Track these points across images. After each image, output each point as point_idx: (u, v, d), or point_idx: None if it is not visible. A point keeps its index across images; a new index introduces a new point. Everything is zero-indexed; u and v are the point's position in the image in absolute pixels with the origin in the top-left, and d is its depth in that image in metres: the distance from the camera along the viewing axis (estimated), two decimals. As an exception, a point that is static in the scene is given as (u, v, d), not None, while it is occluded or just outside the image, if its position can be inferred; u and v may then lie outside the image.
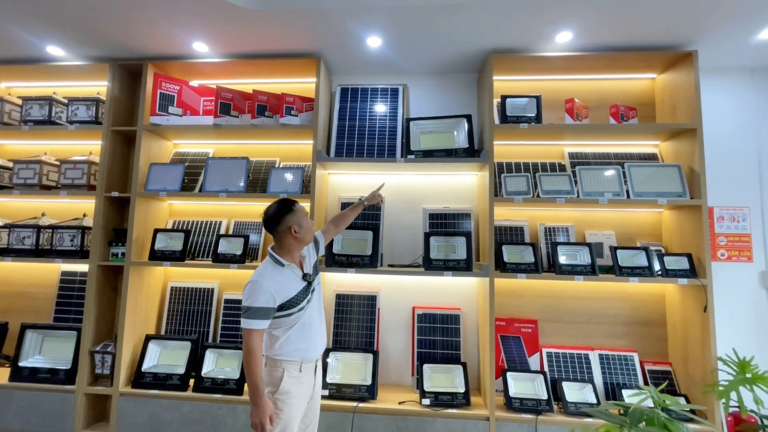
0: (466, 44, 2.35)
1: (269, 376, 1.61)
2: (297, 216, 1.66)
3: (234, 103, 2.57)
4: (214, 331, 2.62)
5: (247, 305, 1.53)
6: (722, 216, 2.49)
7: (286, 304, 1.59)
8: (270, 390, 1.59)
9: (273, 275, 1.60)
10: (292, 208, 1.67)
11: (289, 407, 1.59)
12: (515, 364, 2.40)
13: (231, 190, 2.50)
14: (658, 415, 0.68)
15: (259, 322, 1.53)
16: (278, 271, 1.62)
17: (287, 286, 1.61)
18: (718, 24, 2.10)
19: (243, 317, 1.54)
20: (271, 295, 1.54)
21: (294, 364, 1.62)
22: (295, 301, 1.61)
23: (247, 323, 1.52)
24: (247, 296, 1.55)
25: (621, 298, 2.46)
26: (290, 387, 1.60)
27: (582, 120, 2.43)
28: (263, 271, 1.61)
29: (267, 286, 1.54)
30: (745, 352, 2.32)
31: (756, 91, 2.57)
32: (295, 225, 1.64)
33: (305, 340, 1.65)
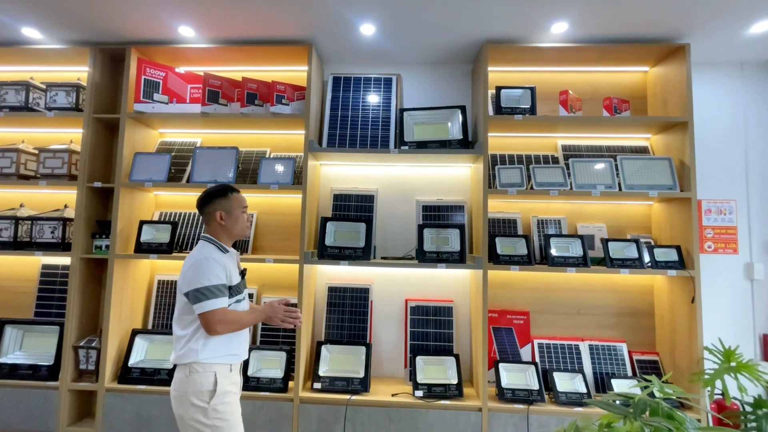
0: (461, 33, 2.32)
1: (198, 385, 1.39)
2: (228, 203, 1.56)
3: (222, 90, 2.49)
4: (203, 325, 2.56)
5: (201, 286, 1.36)
6: (710, 209, 2.54)
7: (232, 288, 1.48)
8: (203, 399, 1.39)
9: (221, 256, 1.49)
10: (227, 194, 1.58)
11: (231, 408, 1.45)
12: (507, 356, 2.41)
13: (220, 180, 2.43)
14: (662, 406, 0.68)
15: (222, 300, 1.39)
16: (222, 255, 1.51)
17: (232, 271, 1.51)
18: (711, 18, 2.11)
19: (199, 302, 1.36)
20: (225, 271, 1.44)
21: (224, 366, 1.46)
22: (237, 288, 1.51)
23: (209, 305, 1.36)
24: (199, 275, 1.38)
25: (611, 289, 2.50)
26: (226, 386, 1.45)
27: (576, 112, 2.42)
28: (207, 252, 1.46)
29: (218, 261, 1.44)
30: (730, 341, 2.39)
31: (745, 86, 2.60)
32: (222, 211, 1.54)
33: (239, 341, 1.52)
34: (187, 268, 1.44)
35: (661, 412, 0.67)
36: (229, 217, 1.56)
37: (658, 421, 0.61)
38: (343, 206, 2.63)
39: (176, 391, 1.45)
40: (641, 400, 0.70)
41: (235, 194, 1.61)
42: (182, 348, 1.44)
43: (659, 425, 0.58)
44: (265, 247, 2.66)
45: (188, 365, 1.42)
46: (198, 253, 1.47)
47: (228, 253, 1.56)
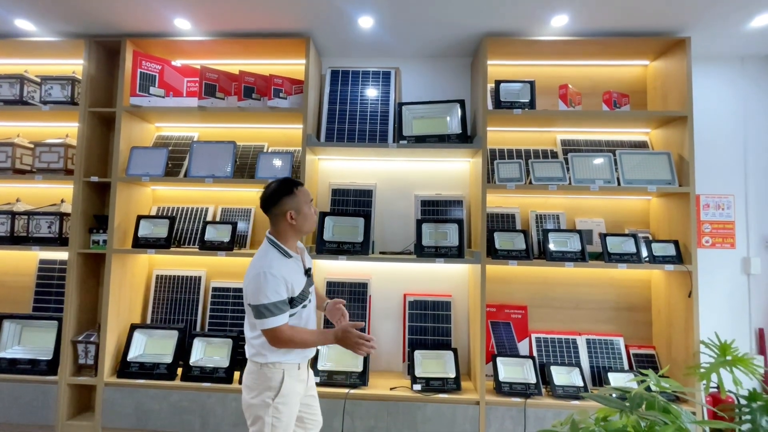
0: (460, 26, 2.29)
1: (266, 380, 1.44)
2: (297, 200, 1.49)
3: (219, 84, 2.46)
4: (202, 320, 2.57)
5: (262, 302, 1.35)
6: (708, 203, 2.54)
7: (295, 299, 1.45)
8: (269, 395, 1.44)
9: (280, 266, 1.42)
10: (293, 190, 1.49)
11: (288, 409, 1.47)
12: (505, 350, 2.43)
13: (217, 175, 2.42)
14: (658, 400, 0.69)
15: (281, 317, 1.38)
16: (284, 262, 1.45)
17: (295, 280, 1.46)
18: (711, 11, 2.09)
19: (260, 319, 1.36)
20: (284, 284, 1.39)
21: (293, 366, 1.49)
22: (301, 296, 1.48)
23: (269, 322, 1.36)
24: (258, 292, 1.36)
25: (609, 284, 2.51)
26: (291, 388, 1.47)
27: (575, 106, 2.41)
28: (268, 261, 1.42)
29: (277, 277, 1.38)
30: (726, 335, 2.40)
31: (745, 80, 2.59)
32: (292, 210, 1.47)
33: None
34: (249, 281, 1.42)
35: (657, 406, 0.68)
36: (298, 215, 1.49)
37: (654, 415, 0.61)
38: (341, 201, 2.63)
39: (247, 380, 1.51)
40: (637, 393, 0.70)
41: (300, 188, 1.52)
42: (253, 348, 1.48)
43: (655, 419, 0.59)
44: (262, 242, 2.65)
45: (260, 363, 1.46)
46: (259, 264, 1.42)
47: (291, 258, 1.49)
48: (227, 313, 2.56)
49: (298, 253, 1.57)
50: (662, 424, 0.57)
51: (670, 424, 0.56)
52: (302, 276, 1.51)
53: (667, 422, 0.59)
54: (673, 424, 0.58)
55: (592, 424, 0.66)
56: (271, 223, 1.54)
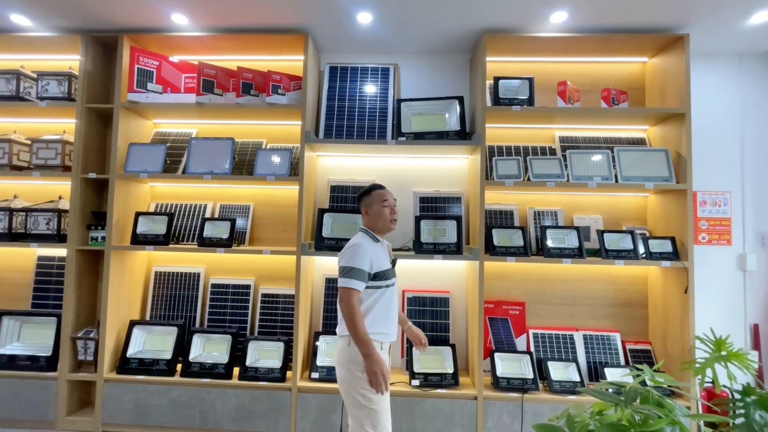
0: (459, 22, 2.29)
1: (356, 354, 1.58)
2: (370, 199, 1.77)
3: (217, 80, 2.45)
4: (201, 316, 2.58)
5: (349, 266, 1.60)
6: (705, 200, 2.55)
7: (379, 274, 1.65)
8: (358, 368, 1.57)
9: (370, 245, 1.68)
10: (370, 192, 1.79)
11: None
12: (503, 345, 2.44)
13: (216, 172, 2.42)
14: (653, 394, 0.70)
15: (358, 282, 1.59)
16: (373, 244, 1.71)
17: (381, 258, 1.69)
18: (710, 7, 2.09)
19: (343, 277, 1.60)
20: (370, 260, 1.63)
21: (376, 344, 1.61)
22: (387, 273, 1.68)
23: (347, 282, 1.58)
24: (349, 257, 1.62)
25: (606, 280, 2.52)
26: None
27: (574, 103, 2.41)
28: (361, 239, 1.69)
29: (368, 251, 1.63)
30: (721, 330, 2.42)
31: (743, 77, 2.59)
32: (366, 207, 1.77)
33: (387, 319, 1.68)
34: (345, 250, 1.68)
35: (651, 400, 0.69)
36: (371, 211, 1.76)
37: (648, 409, 0.62)
38: (340, 198, 2.63)
39: (339, 357, 1.66)
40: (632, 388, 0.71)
41: (377, 191, 1.79)
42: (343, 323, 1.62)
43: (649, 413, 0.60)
44: (263, 238, 2.65)
45: (347, 337, 1.61)
46: (354, 241, 1.69)
47: (379, 242, 1.76)
48: (226, 309, 2.57)
49: (385, 244, 1.82)
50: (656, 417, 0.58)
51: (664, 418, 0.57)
52: (387, 259, 1.75)
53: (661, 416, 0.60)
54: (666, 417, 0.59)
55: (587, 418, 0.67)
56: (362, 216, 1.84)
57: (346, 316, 1.56)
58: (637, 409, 0.62)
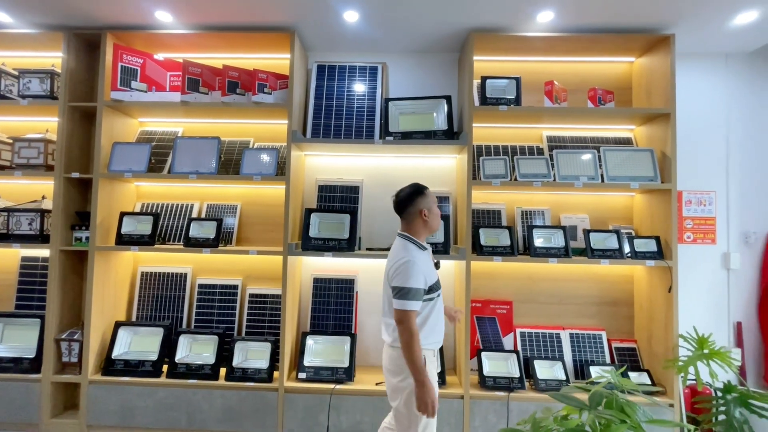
0: (447, 21, 2.28)
1: None
2: (428, 200, 1.68)
3: (203, 78, 2.43)
4: (188, 317, 2.56)
5: (406, 286, 1.52)
6: (690, 200, 2.58)
7: (432, 287, 1.61)
8: None
9: (420, 257, 1.60)
10: (424, 191, 1.69)
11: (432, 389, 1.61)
12: (490, 344, 2.45)
13: (202, 171, 2.39)
14: (617, 398, 0.70)
15: (415, 303, 1.53)
16: (422, 254, 1.63)
17: (430, 269, 1.64)
18: (696, 8, 2.10)
19: (398, 299, 1.52)
20: (423, 276, 1.56)
21: (431, 351, 1.63)
22: (436, 285, 1.64)
23: (404, 304, 1.51)
24: (403, 277, 1.53)
25: (592, 279, 2.54)
26: (431, 371, 1.61)
27: (561, 103, 2.42)
28: (411, 252, 1.59)
29: (421, 267, 1.55)
30: (705, 329, 2.45)
31: (728, 78, 2.61)
32: (425, 208, 1.66)
33: (438, 327, 1.67)
34: (396, 267, 1.57)
35: (615, 405, 0.69)
36: (430, 213, 1.68)
37: (609, 414, 0.63)
38: (328, 197, 2.62)
39: (390, 365, 1.65)
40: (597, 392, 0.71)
41: (429, 191, 1.72)
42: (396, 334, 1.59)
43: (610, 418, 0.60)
44: (250, 238, 2.64)
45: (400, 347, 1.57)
46: (404, 253, 1.59)
47: (426, 250, 1.68)
48: (214, 309, 2.55)
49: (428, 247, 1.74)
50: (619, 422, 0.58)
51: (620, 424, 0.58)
52: (433, 268, 1.69)
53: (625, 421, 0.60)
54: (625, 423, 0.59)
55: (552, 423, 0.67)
56: (406, 221, 1.71)
57: (404, 341, 1.51)
58: (599, 414, 0.63)
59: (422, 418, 1.56)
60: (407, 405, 1.57)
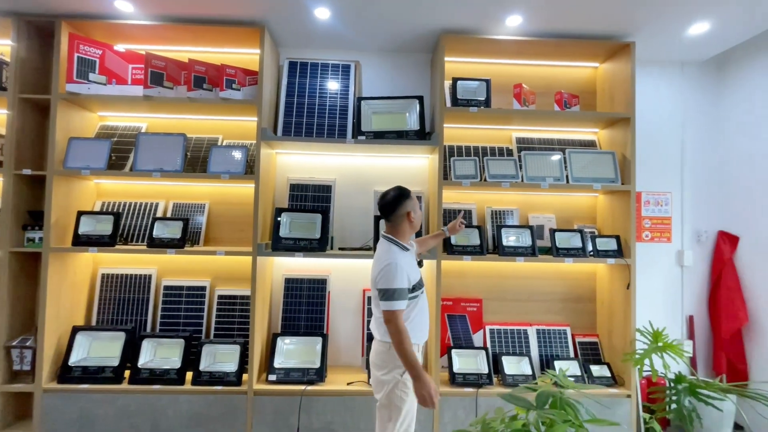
0: (418, 22, 2.29)
1: (395, 358, 1.62)
2: (413, 202, 1.74)
3: (167, 72, 2.33)
4: (152, 320, 2.47)
5: (391, 287, 1.58)
6: (648, 200, 2.71)
7: (415, 286, 1.67)
8: (398, 372, 1.64)
9: (403, 258, 1.65)
10: (409, 194, 1.75)
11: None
12: (461, 341, 2.50)
13: (166, 169, 2.30)
14: (561, 397, 0.73)
15: (401, 302, 1.59)
16: (404, 255, 1.69)
17: (413, 269, 1.70)
18: (654, 17, 2.20)
19: (385, 300, 1.58)
20: (406, 276, 1.62)
21: (416, 347, 1.66)
22: (419, 283, 1.71)
23: (390, 305, 1.58)
24: (387, 279, 1.59)
25: (558, 276, 2.63)
26: None
27: (529, 105, 2.48)
28: (393, 254, 1.65)
29: (404, 267, 1.61)
30: (660, 323, 2.59)
31: (684, 85, 2.76)
32: (411, 210, 1.72)
33: (422, 323, 1.73)
34: (380, 270, 1.62)
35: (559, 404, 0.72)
36: (415, 214, 1.74)
37: (552, 413, 0.65)
38: (300, 196, 2.58)
39: (376, 359, 1.72)
40: (543, 392, 0.74)
41: (413, 193, 1.78)
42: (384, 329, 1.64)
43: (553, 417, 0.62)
44: (219, 238, 2.57)
45: (389, 343, 1.63)
46: (387, 257, 1.64)
47: (408, 250, 1.74)
48: (180, 312, 2.47)
49: (411, 247, 1.80)
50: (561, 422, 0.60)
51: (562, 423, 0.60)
52: (416, 266, 1.75)
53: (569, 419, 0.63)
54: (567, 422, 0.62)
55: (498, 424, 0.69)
56: (391, 224, 1.76)
57: (395, 340, 1.57)
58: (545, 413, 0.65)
59: (402, 411, 1.63)
60: (389, 398, 1.64)
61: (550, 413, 0.63)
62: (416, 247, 1.95)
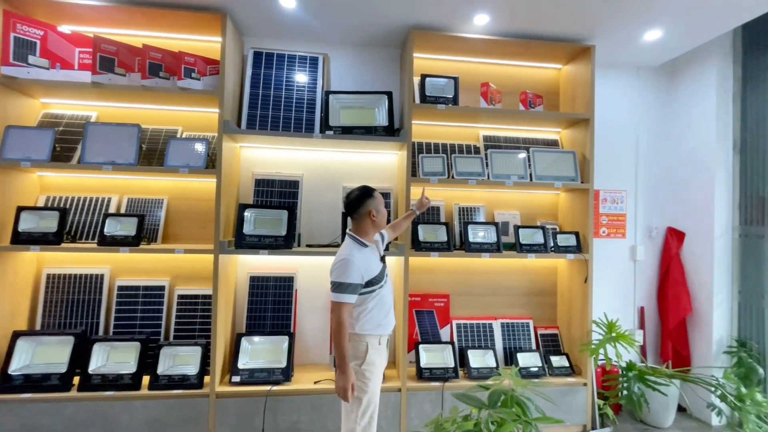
0: (387, 16, 2.26)
1: (354, 350, 1.72)
2: (376, 201, 1.78)
3: (119, 58, 2.18)
4: (105, 323, 2.32)
5: (339, 281, 1.64)
6: (606, 198, 2.84)
7: (371, 281, 1.71)
8: (357, 362, 1.70)
9: (359, 254, 1.71)
10: (373, 194, 1.79)
11: (374, 377, 1.74)
12: (429, 337, 2.53)
13: (119, 162, 2.16)
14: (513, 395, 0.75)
15: (350, 296, 1.66)
16: (362, 251, 1.74)
17: (371, 265, 1.73)
18: (612, 23, 2.29)
19: (334, 292, 1.65)
20: (359, 271, 1.67)
21: (375, 338, 1.74)
22: (377, 278, 1.74)
23: (338, 297, 1.64)
24: (339, 273, 1.65)
25: (522, 271, 2.71)
26: (374, 358, 1.74)
27: (495, 104, 2.52)
28: (350, 250, 1.71)
29: (357, 264, 1.66)
30: (615, 314, 2.74)
31: (639, 88, 2.90)
32: (374, 209, 1.77)
33: (383, 316, 1.77)
34: (336, 264, 1.69)
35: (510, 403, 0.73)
36: (378, 213, 1.78)
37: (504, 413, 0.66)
38: (266, 192, 2.50)
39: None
40: (495, 391, 0.75)
41: (377, 192, 1.81)
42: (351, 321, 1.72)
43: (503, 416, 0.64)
44: (179, 235, 2.45)
45: (350, 334, 1.70)
46: (344, 251, 1.72)
47: (368, 246, 1.77)
48: (136, 313, 2.34)
49: (374, 243, 1.84)
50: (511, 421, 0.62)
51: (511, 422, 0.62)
52: (377, 262, 1.78)
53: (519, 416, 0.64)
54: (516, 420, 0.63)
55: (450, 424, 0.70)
56: (355, 222, 1.81)
57: (333, 329, 1.64)
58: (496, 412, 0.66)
59: (363, 402, 1.69)
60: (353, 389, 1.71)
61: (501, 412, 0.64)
62: (387, 235, 2.00)
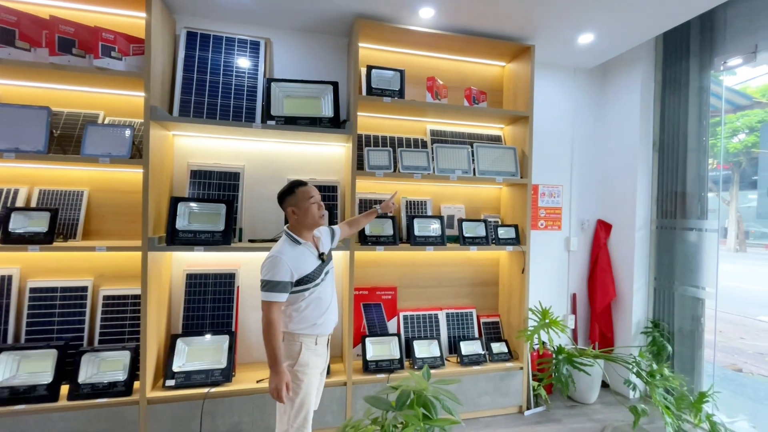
0: (331, 2, 2.18)
1: (288, 350, 1.67)
2: (296, 198, 1.70)
3: (20, 29, 1.91)
4: (15, 329, 2.08)
5: (267, 279, 1.59)
6: (544, 192, 3.01)
7: (303, 279, 1.65)
8: (289, 363, 1.66)
9: (291, 252, 1.65)
10: (294, 190, 1.72)
11: (308, 378, 1.67)
12: (376, 329, 2.55)
13: (24, 149, 1.91)
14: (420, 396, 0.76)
15: (279, 295, 1.59)
16: (295, 248, 1.68)
17: (304, 263, 1.67)
18: (548, 24, 2.39)
19: (263, 290, 1.59)
20: (289, 269, 1.61)
21: (310, 338, 1.69)
22: (311, 276, 1.68)
23: (267, 296, 1.58)
24: (267, 270, 1.60)
25: (466, 263, 2.81)
26: (308, 359, 1.68)
27: (441, 99, 2.55)
28: (281, 247, 1.66)
29: (286, 261, 1.61)
30: (551, 301, 2.93)
31: (575, 88, 3.08)
32: (293, 207, 1.70)
33: (320, 315, 1.71)
34: (266, 261, 1.63)
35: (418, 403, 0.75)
36: (298, 210, 1.70)
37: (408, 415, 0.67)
38: (203, 184, 2.35)
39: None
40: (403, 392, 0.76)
41: (300, 188, 1.72)
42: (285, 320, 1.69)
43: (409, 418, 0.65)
44: (102, 231, 2.23)
45: (284, 333, 1.67)
46: (275, 251, 1.64)
47: (302, 244, 1.70)
48: (53, 317, 2.12)
49: (311, 240, 1.77)
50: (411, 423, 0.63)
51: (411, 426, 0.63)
52: (314, 259, 1.71)
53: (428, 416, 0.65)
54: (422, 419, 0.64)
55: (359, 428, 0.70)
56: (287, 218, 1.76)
57: (263, 329, 1.59)
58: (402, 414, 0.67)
59: (295, 403, 1.65)
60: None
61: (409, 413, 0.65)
62: (342, 232, 1.97)
